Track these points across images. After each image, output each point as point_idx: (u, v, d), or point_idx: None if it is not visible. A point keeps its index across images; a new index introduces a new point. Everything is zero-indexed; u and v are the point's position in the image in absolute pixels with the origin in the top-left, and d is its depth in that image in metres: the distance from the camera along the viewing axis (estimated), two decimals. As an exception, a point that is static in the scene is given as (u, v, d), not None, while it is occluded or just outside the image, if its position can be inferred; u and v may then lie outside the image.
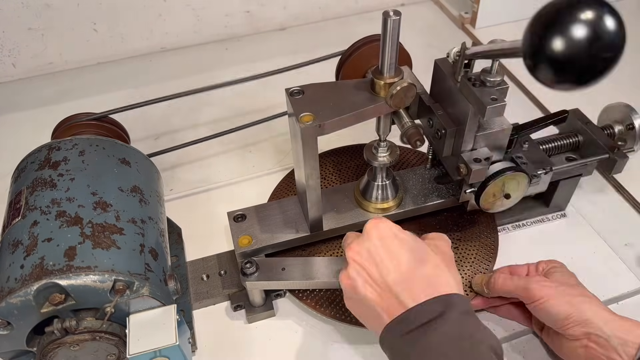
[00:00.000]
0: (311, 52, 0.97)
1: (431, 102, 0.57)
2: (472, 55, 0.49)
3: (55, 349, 0.46)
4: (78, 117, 0.65)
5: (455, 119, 0.54)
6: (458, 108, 0.53)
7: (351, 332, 0.58)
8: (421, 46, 0.98)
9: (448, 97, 0.55)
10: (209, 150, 0.79)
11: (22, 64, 0.94)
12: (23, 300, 0.43)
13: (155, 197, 0.57)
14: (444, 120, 0.55)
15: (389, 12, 0.45)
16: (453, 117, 0.55)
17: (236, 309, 0.59)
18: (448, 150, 0.57)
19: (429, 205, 0.62)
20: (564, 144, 0.65)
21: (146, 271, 0.48)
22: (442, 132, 0.55)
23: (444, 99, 0.56)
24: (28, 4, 0.88)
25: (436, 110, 0.56)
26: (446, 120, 0.55)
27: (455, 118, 0.54)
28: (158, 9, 0.95)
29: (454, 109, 0.54)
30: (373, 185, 0.60)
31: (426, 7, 1.11)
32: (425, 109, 0.57)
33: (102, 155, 0.55)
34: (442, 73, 0.54)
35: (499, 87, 0.50)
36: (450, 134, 0.55)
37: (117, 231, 0.48)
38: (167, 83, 0.92)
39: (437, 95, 0.57)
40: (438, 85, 0.56)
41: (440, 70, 0.55)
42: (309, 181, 0.54)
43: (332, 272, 0.56)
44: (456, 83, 0.52)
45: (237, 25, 1.02)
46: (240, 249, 0.58)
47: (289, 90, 0.52)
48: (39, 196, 0.49)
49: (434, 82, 0.57)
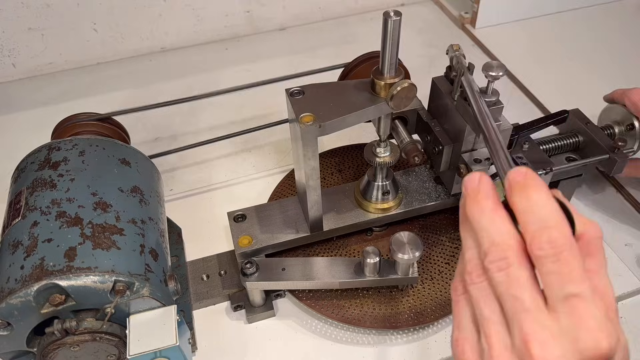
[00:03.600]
0: (311, 52, 0.98)
1: (429, 119, 0.58)
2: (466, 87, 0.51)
3: (56, 350, 0.46)
4: (78, 117, 0.64)
5: (452, 136, 0.56)
6: (455, 125, 0.55)
7: (351, 332, 0.58)
8: (421, 46, 0.98)
9: (445, 114, 0.56)
10: (209, 151, 0.78)
11: (22, 64, 0.94)
12: (23, 300, 0.43)
13: (155, 197, 0.57)
14: (441, 137, 0.56)
15: (389, 13, 0.45)
16: (450, 133, 0.56)
17: (236, 309, 0.59)
18: (445, 166, 0.58)
19: (429, 205, 0.62)
20: (564, 144, 0.65)
21: (146, 272, 0.48)
22: (439, 148, 0.56)
23: (441, 116, 0.58)
24: (28, 4, 0.87)
25: (433, 127, 0.58)
26: (443, 136, 0.57)
27: (452, 135, 0.56)
28: (158, 9, 0.95)
29: (450, 125, 0.56)
30: (373, 185, 0.60)
31: (426, 7, 1.11)
32: (423, 125, 0.59)
33: (102, 156, 0.55)
34: (439, 91, 0.56)
35: (494, 106, 0.52)
36: (447, 151, 0.56)
37: (117, 232, 0.48)
38: (167, 83, 0.92)
39: (434, 112, 0.59)
40: (435, 102, 0.58)
41: (437, 88, 0.57)
42: (309, 181, 0.54)
43: (332, 272, 0.56)
44: (453, 102, 0.53)
45: (237, 25, 1.02)
46: (240, 249, 0.58)
47: (289, 91, 0.52)
48: (39, 196, 0.49)
49: (431, 99, 0.59)
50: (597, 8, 1.04)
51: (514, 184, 0.31)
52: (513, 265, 0.30)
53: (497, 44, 0.97)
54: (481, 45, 0.98)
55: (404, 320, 0.56)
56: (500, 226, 0.31)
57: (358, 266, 0.57)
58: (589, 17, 1.02)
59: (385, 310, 0.57)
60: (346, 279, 0.56)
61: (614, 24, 1.00)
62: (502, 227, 0.31)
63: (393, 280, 0.56)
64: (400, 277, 0.56)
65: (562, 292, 0.28)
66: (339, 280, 0.56)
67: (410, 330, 0.57)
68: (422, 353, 0.56)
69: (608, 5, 1.04)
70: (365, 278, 0.56)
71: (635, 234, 0.66)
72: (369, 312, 0.57)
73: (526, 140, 0.61)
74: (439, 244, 0.63)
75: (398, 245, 0.53)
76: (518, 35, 1.00)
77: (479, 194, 0.33)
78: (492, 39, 0.98)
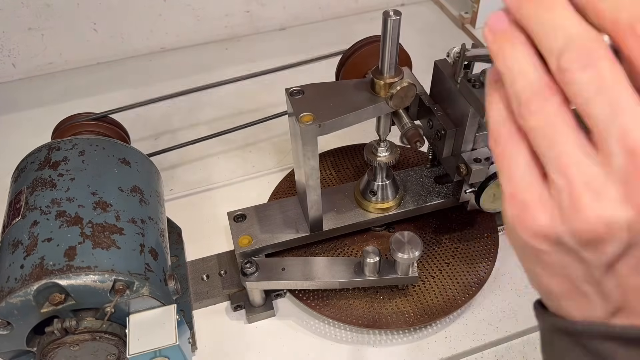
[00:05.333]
0: (311, 52, 0.97)
1: (431, 103, 0.57)
2: (472, 58, 0.49)
3: (55, 349, 0.46)
4: (78, 117, 0.65)
5: (455, 120, 0.54)
6: (458, 109, 0.53)
7: (351, 333, 0.58)
8: (421, 46, 0.98)
9: (448, 98, 0.55)
10: (209, 150, 0.79)
11: (22, 64, 0.94)
12: (23, 300, 0.43)
13: (155, 197, 0.57)
14: (444, 121, 0.55)
15: (389, 12, 0.45)
16: (453, 118, 0.55)
17: (236, 309, 0.59)
18: (448, 151, 0.57)
19: (429, 205, 0.62)
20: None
21: (146, 271, 0.48)
22: (442, 133, 0.55)
23: (443, 100, 0.56)
24: (28, 4, 0.87)
25: (436, 112, 0.56)
26: (446, 121, 0.55)
27: (455, 119, 0.54)
28: (158, 9, 0.95)
29: (453, 110, 0.55)
30: (373, 185, 0.60)
31: (426, 7, 1.11)
32: (425, 110, 0.58)
33: (102, 155, 0.55)
34: (442, 74, 0.54)
35: None
36: (450, 135, 0.55)
37: (117, 231, 0.48)
38: (167, 83, 0.92)
39: (437, 96, 0.57)
40: (438, 87, 0.57)
41: (440, 72, 0.55)
42: (309, 181, 0.54)
43: (332, 272, 0.56)
44: (456, 84, 0.52)
45: (237, 25, 1.02)
46: (240, 249, 0.58)
47: (289, 90, 0.52)
48: (39, 196, 0.49)
49: (433, 83, 0.57)
50: (597, 8, 1.04)
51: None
52: (603, 60, 0.22)
53: (497, 44, 0.96)
54: (481, 45, 0.98)
55: (404, 320, 0.56)
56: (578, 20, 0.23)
57: (358, 266, 0.57)
58: (589, 17, 1.02)
59: (385, 310, 0.57)
60: (346, 279, 0.56)
61: (614, 24, 0.99)
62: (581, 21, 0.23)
63: (393, 279, 0.56)
64: (400, 276, 0.56)
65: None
66: (339, 280, 0.56)
67: (410, 330, 0.57)
68: (422, 353, 0.56)
69: (608, 6, 1.04)
70: (365, 278, 0.56)
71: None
72: (369, 311, 0.57)
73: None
74: (438, 243, 0.63)
75: (398, 245, 0.53)
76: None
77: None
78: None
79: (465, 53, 0.49)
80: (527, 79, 0.24)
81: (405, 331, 0.57)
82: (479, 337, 0.57)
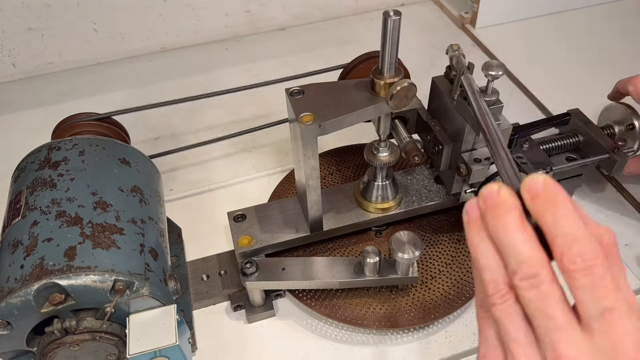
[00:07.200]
0: (311, 52, 0.98)
1: (429, 118, 0.58)
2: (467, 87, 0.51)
3: (55, 349, 0.46)
4: (78, 117, 0.64)
5: (452, 135, 0.56)
6: (455, 125, 0.55)
7: (351, 332, 0.58)
8: (421, 46, 0.98)
9: (445, 114, 0.57)
10: (209, 151, 0.79)
11: (22, 64, 0.94)
12: (23, 300, 0.43)
13: (155, 197, 0.57)
14: (441, 136, 0.57)
15: (389, 12, 0.45)
16: (450, 133, 0.56)
17: (236, 309, 0.59)
18: (445, 165, 0.58)
19: (429, 205, 0.62)
20: (564, 144, 0.65)
21: (146, 271, 0.48)
22: (439, 148, 0.56)
23: (441, 116, 0.58)
24: (28, 4, 0.87)
25: (433, 127, 0.58)
26: (443, 136, 0.57)
27: (452, 134, 0.56)
28: (158, 9, 0.95)
29: (450, 125, 0.56)
30: (373, 185, 0.60)
31: (426, 7, 1.11)
32: (423, 125, 0.59)
33: (102, 155, 0.55)
34: (439, 90, 0.56)
35: (494, 106, 0.52)
36: (447, 150, 0.56)
37: (117, 231, 0.48)
38: (167, 83, 0.92)
39: (434, 112, 0.59)
40: (435, 102, 0.58)
41: (437, 88, 0.57)
42: (309, 181, 0.54)
43: (332, 272, 0.56)
44: (452, 101, 0.53)
45: (237, 25, 1.02)
46: (240, 249, 0.58)
47: (289, 90, 0.52)
48: (39, 196, 0.49)
49: (431, 98, 0.59)
50: (597, 8, 1.04)
51: (535, 194, 0.30)
52: (545, 282, 0.28)
53: (497, 43, 0.97)
54: (481, 45, 0.98)
55: (404, 320, 0.56)
56: (529, 242, 0.29)
57: (358, 266, 0.57)
58: (589, 17, 1.02)
59: (385, 310, 0.57)
60: (346, 279, 0.56)
61: (614, 24, 1.00)
62: (531, 242, 0.29)
63: (393, 279, 0.56)
64: (400, 276, 0.56)
65: (598, 307, 0.27)
66: (339, 280, 0.56)
67: (410, 330, 0.57)
68: (422, 353, 0.56)
69: (608, 5, 1.04)
70: (365, 278, 0.56)
71: (635, 234, 0.66)
72: (369, 311, 0.57)
73: (526, 140, 0.61)
74: (439, 243, 0.63)
75: (398, 245, 0.53)
76: (518, 35, 1.00)
77: (500, 207, 0.30)
78: (492, 39, 0.98)
79: (461, 78, 0.50)
80: (492, 275, 0.30)
81: (405, 331, 0.57)
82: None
